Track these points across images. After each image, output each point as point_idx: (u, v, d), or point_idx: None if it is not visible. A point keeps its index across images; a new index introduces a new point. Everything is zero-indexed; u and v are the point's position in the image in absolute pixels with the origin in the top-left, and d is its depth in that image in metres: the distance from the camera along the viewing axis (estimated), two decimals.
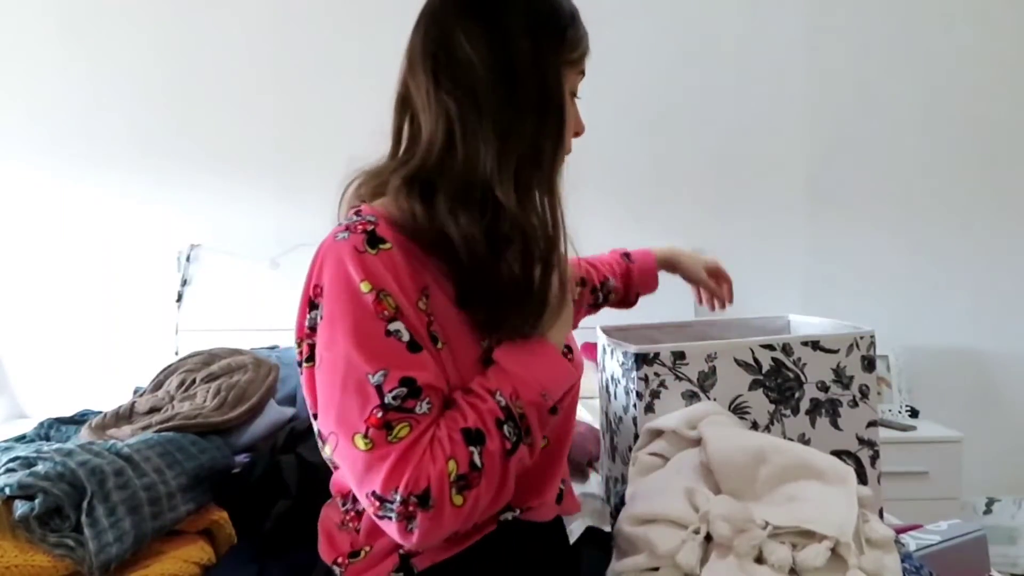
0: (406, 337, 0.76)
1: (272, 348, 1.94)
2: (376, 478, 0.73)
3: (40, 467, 0.97)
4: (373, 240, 0.78)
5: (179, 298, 2.52)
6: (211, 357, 1.47)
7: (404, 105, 0.88)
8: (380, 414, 0.73)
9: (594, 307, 1.35)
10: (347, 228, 0.80)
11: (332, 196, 0.91)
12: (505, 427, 0.77)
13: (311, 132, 2.57)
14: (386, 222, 0.81)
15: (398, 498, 0.72)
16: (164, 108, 2.60)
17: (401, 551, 0.82)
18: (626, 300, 1.38)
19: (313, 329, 0.81)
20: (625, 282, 1.35)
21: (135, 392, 1.50)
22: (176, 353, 2.36)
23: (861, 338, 1.08)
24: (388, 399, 0.74)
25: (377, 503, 0.73)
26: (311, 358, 0.82)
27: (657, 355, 1.02)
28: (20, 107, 2.60)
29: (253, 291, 2.51)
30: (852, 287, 2.63)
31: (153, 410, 1.33)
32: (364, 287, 0.76)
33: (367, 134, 0.89)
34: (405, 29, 0.88)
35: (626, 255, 1.37)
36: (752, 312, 1.26)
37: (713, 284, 1.40)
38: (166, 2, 2.59)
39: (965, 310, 2.64)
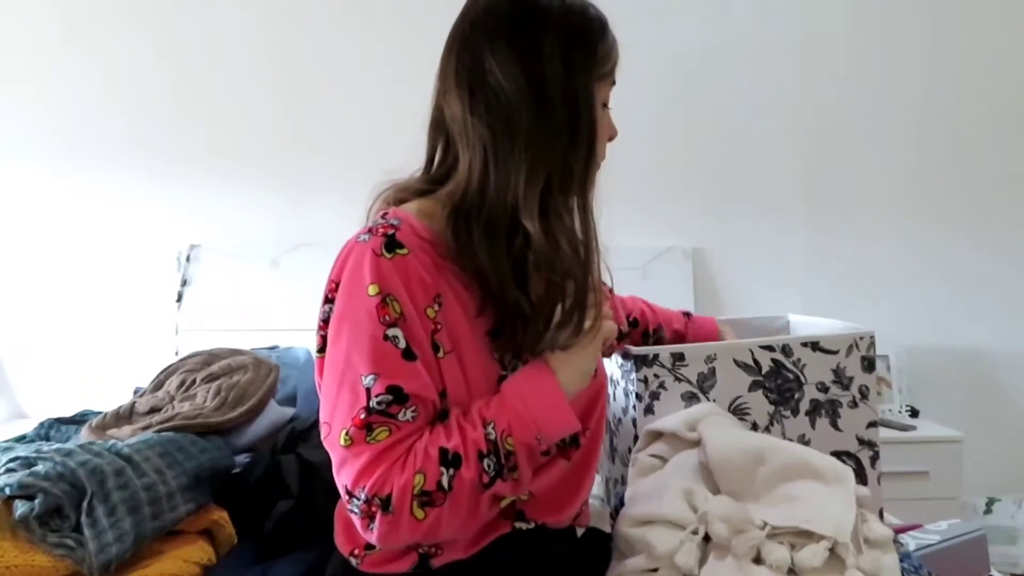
0: (402, 344, 0.78)
1: (272, 348, 1.93)
2: (348, 474, 0.77)
3: (40, 467, 0.97)
4: (391, 244, 0.80)
5: (179, 298, 2.52)
6: (211, 357, 1.47)
7: (438, 128, 0.89)
8: (363, 416, 0.77)
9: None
10: (370, 230, 0.82)
11: (332, 196, 0.92)
12: (486, 460, 0.78)
13: (312, 132, 2.57)
14: (409, 227, 0.82)
15: (363, 496, 0.76)
16: (164, 108, 2.60)
17: (420, 549, 0.85)
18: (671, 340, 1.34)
19: (327, 322, 0.83)
20: (676, 339, 1.31)
21: (135, 392, 1.50)
22: (176, 353, 2.36)
23: (861, 339, 1.08)
24: (373, 403, 0.77)
25: (346, 496, 0.78)
26: (323, 348, 0.84)
27: (656, 356, 1.02)
28: (20, 107, 2.60)
29: (253, 291, 2.51)
30: (852, 287, 2.63)
31: (153, 410, 1.33)
32: (372, 290, 0.78)
33: (367, 134, 0.90)
34: (406, 29, 0.88)
35: (687, 314, 1.35)
36: (751, 312, 1.26)
37: None
38: (167, 1, 2.59)
39: (965, 310, 2.64)
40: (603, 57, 0.88)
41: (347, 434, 0.77)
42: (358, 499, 0.76)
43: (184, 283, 2.53)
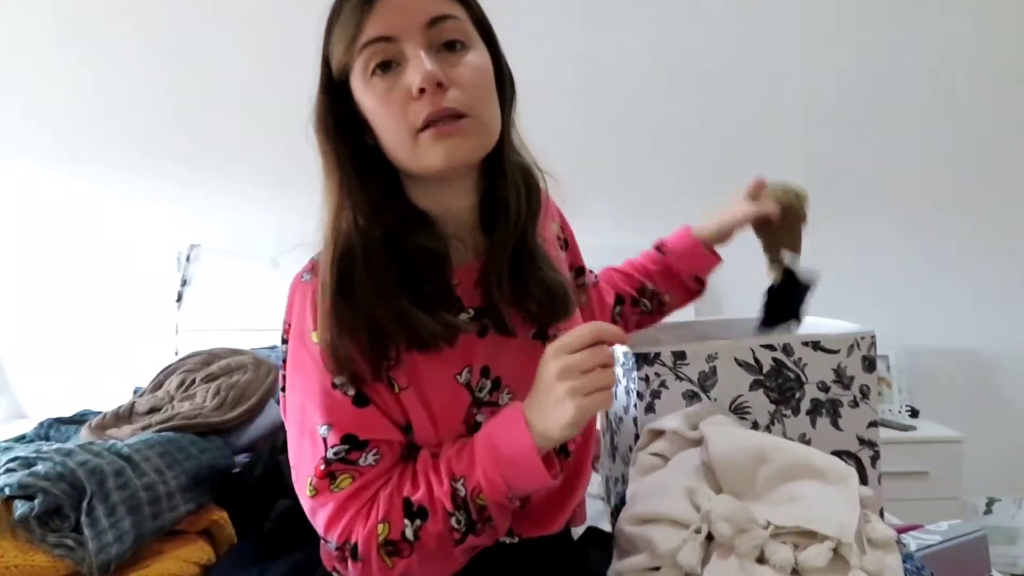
0: (351, 391, 0.77)
1: (272, 348, 1.93)
2: (318, 523, 0.78)
3: (40, 467, 0.97)
4: None
5: (179, 298, 2.52)
6: (211, 357, 1.47)
7: None
8: (323, 467, 0.76)
9: (649, 316, 1.22)
10: (312, 268, 0.80)
11: None
12: (454, 517, 0.75)
13: (312, 132, 2.57)
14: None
15: (333, 544, 0.77)
16: (164, 108, 2.60)
17: None
18: (688, 290, 1.22)
19: (286, 362, 0.83)
20: (668, 276, 1.20)
21: (135, 392, 1.49)
22: (176, 353, 2.35)
23: (862, 338, 1.08)
24: (330, 454, 0.76)
25: (323, 540, 0.79)
26: (284, 388, 0.83)
27: (658, 355, 1.02)
28: (20, 107, 2.59)
29: (253, 291, 2.51)
30: (852, 287, 2.63)
31: (153, 410, 1.33)
32: (315, 337, 0.76)
33: None
34: None
35: (660, 247, 1.22)
36: (752, 312, 1.26)
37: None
38: (168, 2, 2.59)
39: (966, 310, 2.64)
40: (330, 45, 0.80)
41: (311, 484, 0.77)
42: (330, 545, 0.77)
43: (184, 283, 2.53)
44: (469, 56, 0.78)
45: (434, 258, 0.80)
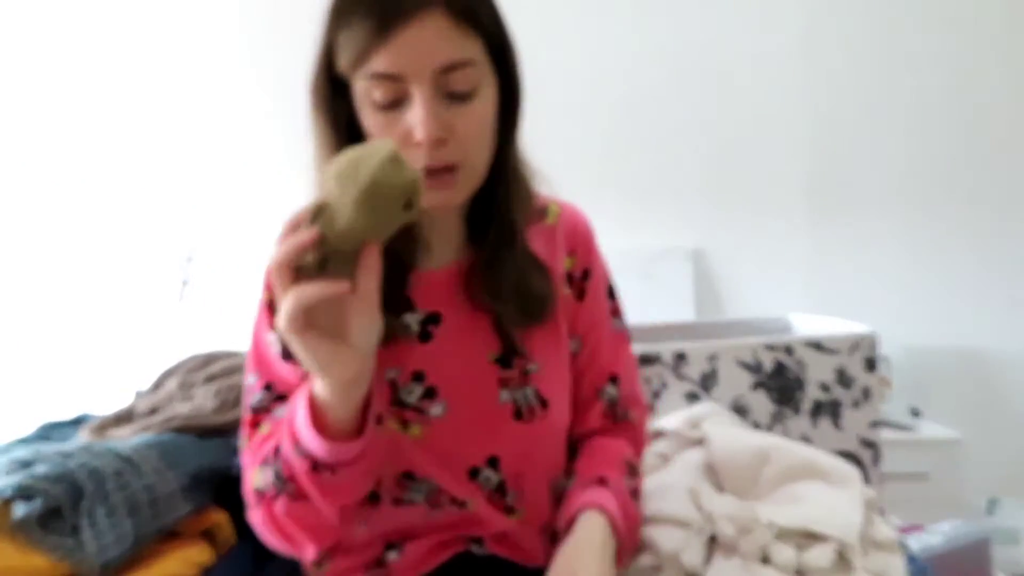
0: (277, 348, 0.82)
1: None
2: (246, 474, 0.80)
3: (39, 468, 0.96)
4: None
5: (179, 298, 2.52)
6: (211, 359, 1.47)
7: None
8: (249, 415, 0.82)
9: None
10: None
11: None
12: (272, 469, 0.75)
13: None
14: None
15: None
16: (165, 107, 2.60)
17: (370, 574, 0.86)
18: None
19: None
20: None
21: (136, 394, 1.49)
22: (176, 354, 2.35)
23: (863, 339, 1.08)
24: (254, 401, 0.82)
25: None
26: None
27: (658, 355, 1.01)
28: (20, 107, 2.59)
29: (253, 291, 2.51)
30: (853, 287, 2.63)
31: (153, 411, 1.33)
32: (264, 295, 0.85)
33: None
34: None
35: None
36: (753, 313, 1.26)
37: None
38: (173, 3, 2.59)
39: (967, 310, 2.64)
40: (340, 51, 0.75)
41: (244, 437, 0.83)
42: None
43: (184, 283, 2.53)
44: (475, 105, 0.75)
45: (393, 257, 0.76)
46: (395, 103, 0.73)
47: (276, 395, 0.81)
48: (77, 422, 1.43)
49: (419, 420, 0.82)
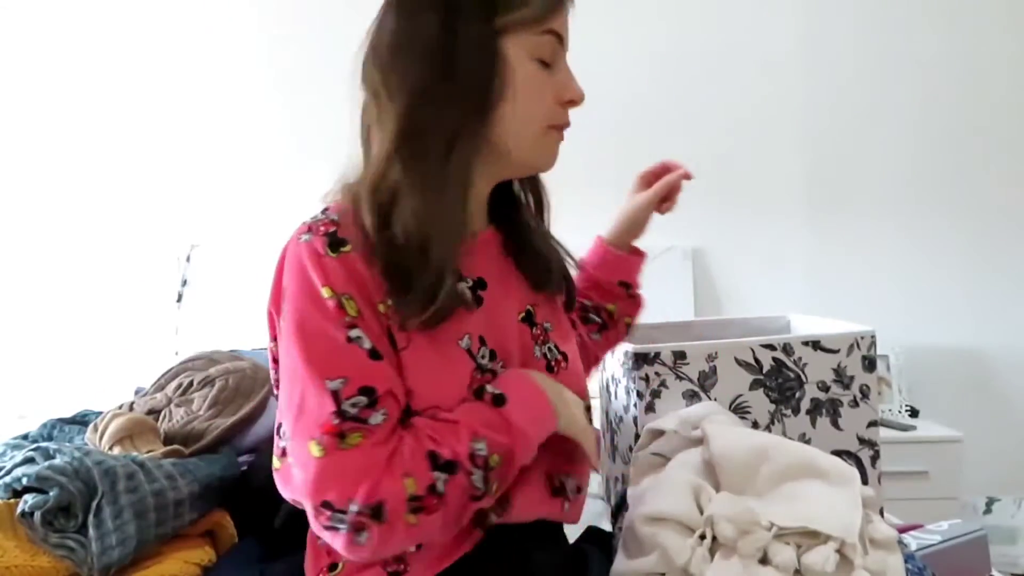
0: (367, 344, 0.75)
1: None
2: (332, 486, 0.71)
3: (59, 460, 0.97)
4: (335, 243, 0.76)
5: (179, 298, 2.52)
6: (210, 362, 1.47)
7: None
8: (336, 421, 0.72)
9: (610, 330, 1.15)
10: (310, 228, 0.79)
11: None
12: (473, 476, 0.74)
13: (312, 131, 2.57)
14: (350, 221, 0.78)
15: (354, 509, 0.70)
16: (165, 107, 2.60)
17: (388, 568, 0.79)
18: (622, 297, 1.15)
19: (276, 339, 0.82)
20: (598, 289, 1.15)
21: (136, 392, 1.49)
22: (176, 354, 2.36)
23: (862, 338, 1.08)
24: (345, 406, 0.72)
25: (329, 512, 0.71)
26: (278, 360, 0.81)
27: (658, 355, 1.02)
28: (20, 107, 2.60)
29: (253, 291, 2.51)
30: (852, 287, 2.63)
31: (151, 412, 1.33)
32: (325, 292, 0.75)
33: None
34: None
35: (579, 265, 1.12)
36: (752, 312, 1.26)
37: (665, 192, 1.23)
38: (168, 1, 2.59)
39: (965, 309, 2.64)
40: (505, 5, 0.79)
41: (318, 443, 0.71)
42: (345, 513, 0.70)
43: (184, 283, 2.53)
44: None
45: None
46: (551, 63, 0.83)
47: (374, 397, 0.73)
48: (80, 421, 1.43)
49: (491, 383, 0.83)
